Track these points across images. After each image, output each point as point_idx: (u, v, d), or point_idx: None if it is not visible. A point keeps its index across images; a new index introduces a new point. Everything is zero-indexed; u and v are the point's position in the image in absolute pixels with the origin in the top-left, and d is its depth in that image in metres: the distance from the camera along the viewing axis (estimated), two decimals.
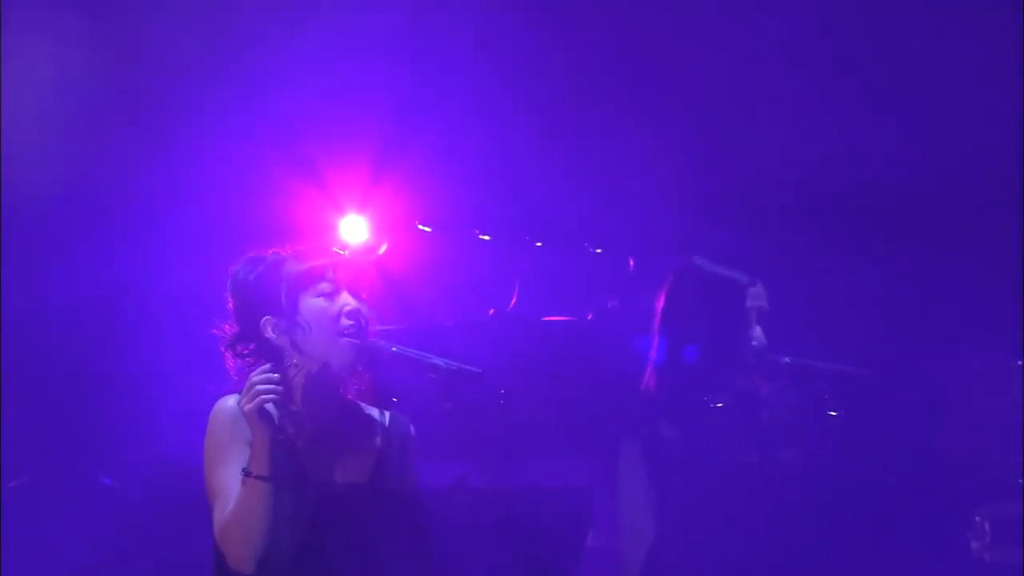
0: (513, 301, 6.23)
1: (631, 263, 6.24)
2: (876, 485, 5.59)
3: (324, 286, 4.34)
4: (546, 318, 6.30)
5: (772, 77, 6.39)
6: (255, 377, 4.15)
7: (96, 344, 6.32)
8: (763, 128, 6.46)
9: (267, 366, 4.19)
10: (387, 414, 4.46)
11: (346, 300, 4.34)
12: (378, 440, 4.39)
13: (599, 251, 6.31)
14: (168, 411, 5.84)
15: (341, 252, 4.66)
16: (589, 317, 6.26)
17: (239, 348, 4.33)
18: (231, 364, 4.35)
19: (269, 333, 4.31)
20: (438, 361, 4.49)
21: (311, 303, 4.32)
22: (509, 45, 6.50)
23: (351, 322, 4.32)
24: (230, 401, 4.24)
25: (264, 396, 4.13)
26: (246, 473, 4.13)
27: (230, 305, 4.40)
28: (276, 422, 4.19)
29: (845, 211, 6.59)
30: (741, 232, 6.22)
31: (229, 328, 4.37)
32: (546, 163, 6.57)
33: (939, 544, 5.93)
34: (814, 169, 6.46)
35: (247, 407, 4.13)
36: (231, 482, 4.17)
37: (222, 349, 4.36)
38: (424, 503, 4.37)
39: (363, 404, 4.43)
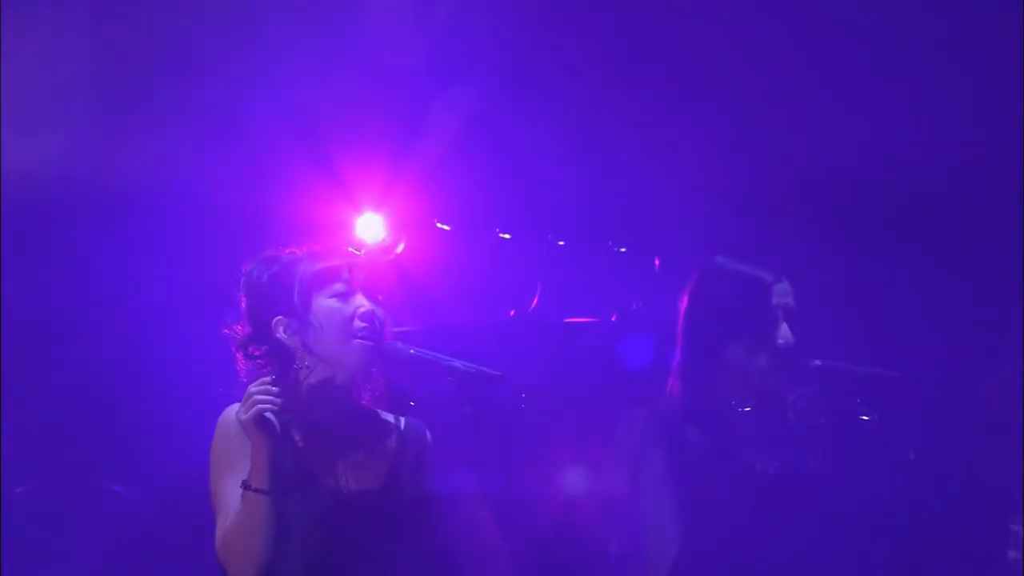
0: (534, 302, 6.22)
1: (656, 262, 6.20)
2: (909, 492, 5.53)
3: (338, 287, 4.32)
4: (568, 319, 6.29)
5: (801, 73, 6.37)
6: (253, 388, 4.15)
7: (106, 345, 6.30)
8: (791, 126, 6.46)
9: (267, 378, 4.16)
10: (402, 419, 4.43)
11: (360, 302, 4.32)
12: (393, 446, 4.38)
13: (623, 250, 6.27)
14: (181, 414, 5.80)
15: (357, 252, 4.61)
16: (613, 318, 6.22)
17: (251, 349, 4.32)
18: (242, 366, 4.33)
19: (281, 334, 4.30)
20: (457, 363, 4.48)
21: (324, 304, 4.31)
22: (532, 39, 6.48)
23: (364, 324, 4.30)
24: (234, 412, 4.22)
25: (261, 407, 4.10)
26: (245, 486, 4.10)
27: (243, 305, 4.40)
28: (278, 431, 4.15)
29: (873, 210, 6.59)
30: (770, 230, 6.18)
31: (241, 329, 4.37)
32: (568, 159, 6.54)
33: (975, 553, 5.87)
34: (842, 168, 6.47)
35: (243, 417, 4.11)
36: (233, 494, 4.16)
37: (234, 350, 4.33)
38: (440, 511, 4.33)
39: (377, 409, 4.40)
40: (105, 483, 6.34)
